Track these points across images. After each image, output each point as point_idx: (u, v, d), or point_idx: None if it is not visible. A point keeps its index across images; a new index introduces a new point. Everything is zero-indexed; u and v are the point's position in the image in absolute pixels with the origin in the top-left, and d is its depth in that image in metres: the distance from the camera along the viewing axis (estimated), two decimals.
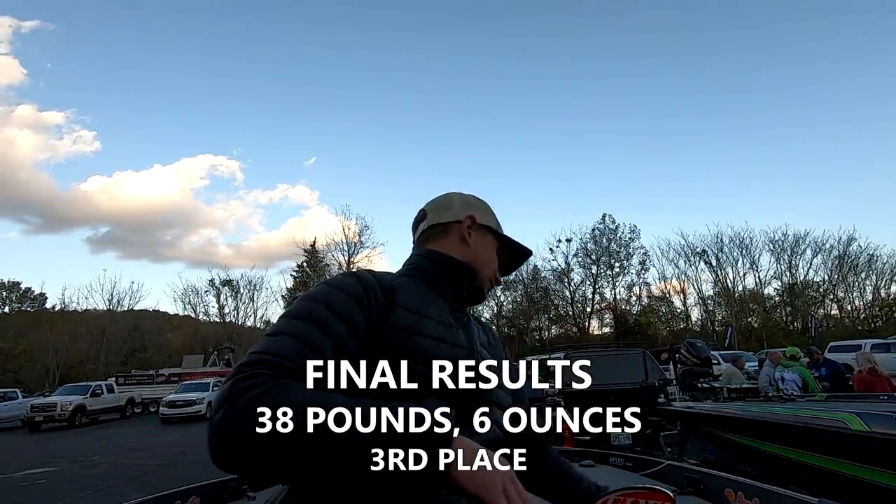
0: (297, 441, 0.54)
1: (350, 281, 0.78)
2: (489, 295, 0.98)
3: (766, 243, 32.52)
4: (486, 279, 0.96)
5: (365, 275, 0.80)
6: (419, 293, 0.83)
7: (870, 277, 30.75)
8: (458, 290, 0.92)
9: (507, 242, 1.02)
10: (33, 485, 7.18)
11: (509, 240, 1.02)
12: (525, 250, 1.05)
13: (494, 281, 0.98)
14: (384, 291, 0.78)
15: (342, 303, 0.73)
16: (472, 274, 0.93)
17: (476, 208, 1.00)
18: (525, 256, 1.06)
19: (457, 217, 0.97)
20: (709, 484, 1.42)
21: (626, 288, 35.21)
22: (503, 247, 1.02)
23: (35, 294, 39.46)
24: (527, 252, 1.05)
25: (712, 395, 6.80)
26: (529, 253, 1.06)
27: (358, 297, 0.75)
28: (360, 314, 0.73)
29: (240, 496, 1.46)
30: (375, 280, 0.79)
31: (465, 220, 0.97)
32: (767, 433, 3.76)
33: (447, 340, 0.78)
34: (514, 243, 1.03)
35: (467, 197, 1.03)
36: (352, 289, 0.76)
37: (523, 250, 1.04)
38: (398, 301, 0.78)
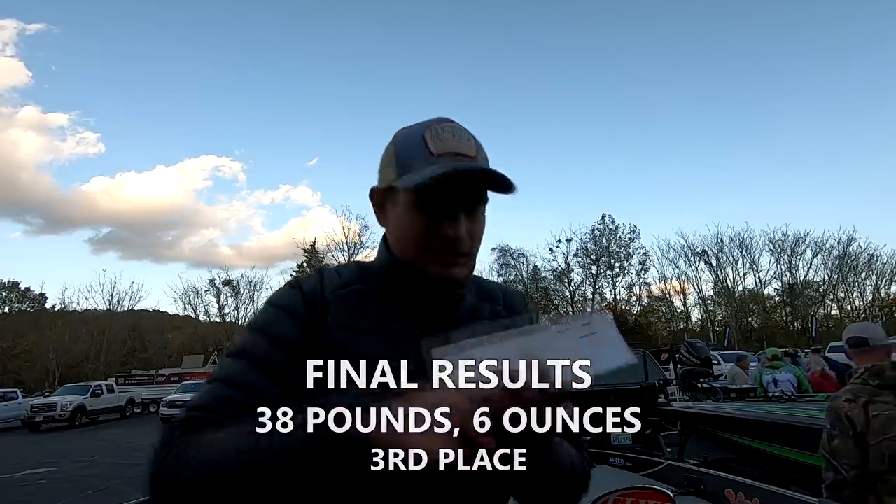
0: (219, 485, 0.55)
1: (290, 297, 0.70)
2: (466, 267, 0.72)
3: (766, 243, 32.57)
4: (422, 256, 0.69)
5: (309, 285, 0.71)
6: (353, 304, 0.70)
7: (870, 277, 30.79)
8: (403, 288, 0.72)
9: (422, 188, 0.65)
10: (33, 485, 7.18)
11: (422, 183, 0.64)
12: (460, 171, 0.66)
13: (442, 247, 0.68)
14: (323, 306, 0.69)
15: (280, 324, 0.68)
16: (397, 263, 0.72)
17: (379, 171, 0.74)
18: (473, 176, 0.67)
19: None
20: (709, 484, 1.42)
21: (626, 288, 35.27)
22: (432, 195, 0.66)
23: (35, 294, 39.47)
24: (471, 171, 0.67)
25: (712, 395, 6.79)
26: (476, 171, 0.67)
27: (296, 314, 0.68)
28: (300, 334, 0.67)
29: None
30: (320, 290, 0.71)
31: (373, 197, 0.76)
32: (767, 433, 3.76)
33: (384, 356, 0.58)
34: (431, 179, 0.64)
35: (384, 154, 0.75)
36: (293, 307, 0.69)
37: (461, 172, 0.65)
38: (331, 318, 0.69)
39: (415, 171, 0.67)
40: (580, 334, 0.58)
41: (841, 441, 2.06)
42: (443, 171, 0.64)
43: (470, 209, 0.69)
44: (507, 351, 0.55)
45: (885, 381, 2.04)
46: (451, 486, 0.63)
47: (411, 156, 0.69)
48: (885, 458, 1.94)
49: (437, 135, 0.69)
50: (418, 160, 0.68)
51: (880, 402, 2.02)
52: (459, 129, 0.72)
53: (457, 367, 0.53)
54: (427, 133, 0.70)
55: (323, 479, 0.54)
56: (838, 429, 2.08)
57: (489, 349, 0.55)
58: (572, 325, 0.59)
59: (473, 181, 0.68)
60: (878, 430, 1.98)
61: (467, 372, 0.52)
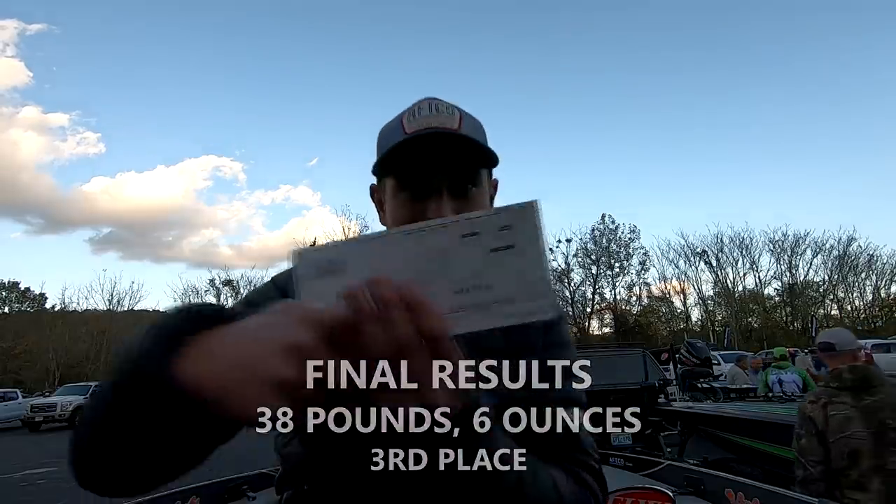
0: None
1: (264, 292, 0.67)
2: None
3: (766, 243, 32.57)
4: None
5: (282, 279, 0.67)
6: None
7: (870, 277, 30.79)
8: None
9: (387, 164, 0.64)
10: (33, 485, 7.18)
11: (381, 158, 0.64)
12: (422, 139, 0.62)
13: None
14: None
15: (246, 315, 0.60)
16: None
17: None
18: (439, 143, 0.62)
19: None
20: (709, 484, 1.42)
21: (626, 288, 35.25)
22: (408, 175, 0.64)
23: (35, 294, 39.44)
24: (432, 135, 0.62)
25: (712, 395, 6.80)
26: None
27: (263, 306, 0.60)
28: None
29: (240, 496, 1.46)
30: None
31: (372, 195, 0.74)
32: (767, 433, 3.76)
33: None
34: (403, 155, 0.62)
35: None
36: (265, 302, 0.58)
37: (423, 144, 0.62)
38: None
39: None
40: (493, 245, 0.40)
41: (807, 440, 2.23)
42: (397, 141, 0.62)
43: (458, 189, 0.63)
44: (390, 258, 0.40)
45: (843, 384, 2.20)
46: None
47: (390, 141, 0.65)
48: (844, 455, 2.10)
49: (413, 114, 0.66)
50: (394, 143, 0.64)
51: (838, 402, 2.19)
52: (440, 105, 0.67)
53: (322, 277, 0.40)
54: (405, 115, 0.67)
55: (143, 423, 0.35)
56: (804, 428, 2.25)
57: (364, 256, 0.40)
58: (485, 224, 0.40)
59: (438, 149, 0.62)
60: (835, 428, 2.15)
61: (326, 286, 0.36)
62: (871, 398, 2.13)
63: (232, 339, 0.36)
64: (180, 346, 0.35)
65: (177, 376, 0.34)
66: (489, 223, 0.40)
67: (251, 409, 0.33)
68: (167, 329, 0.37)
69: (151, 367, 0.34)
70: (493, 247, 0.40)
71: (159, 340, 0.36)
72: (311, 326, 0.35)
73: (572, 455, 0.60)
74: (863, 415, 2.11)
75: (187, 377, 0.34)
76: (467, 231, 0.40)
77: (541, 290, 0.39)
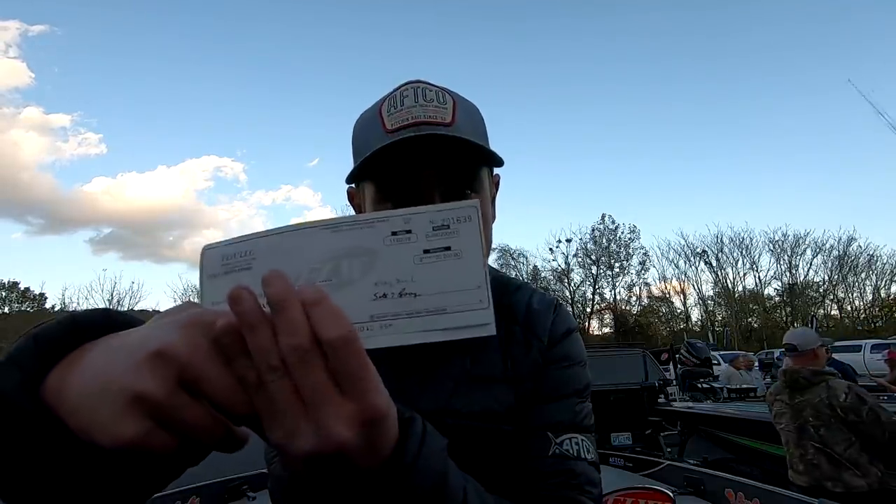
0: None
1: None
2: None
3: (766, 243, 32.55)
4: None
5: None
6: None
7: (870, 278, 30.76)
8: None
9: (380, 177, 0.55)
10: None
11: (353, 172, 0.57)
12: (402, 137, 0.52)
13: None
14: None
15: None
16: None
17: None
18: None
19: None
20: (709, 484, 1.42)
21: (626, 288, 35.21)
22: (392, 183, 0.55)
23: (35, 294, 39.49)
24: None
25: (712, 395, 6.80)
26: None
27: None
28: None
29: (240, 496, 1.46)
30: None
31: (351, 200, 0.66)
32: (767, 433, 3.76)
33: None
34: (378, 156, 0.53)
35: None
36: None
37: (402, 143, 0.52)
38: None
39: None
40: (429, 246, 0.34)
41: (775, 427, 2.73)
42: (377, 147, 0.51)
43: (453, 196, 0.54)
44: (304, 253, 0.34)
45: (784, 382, 2.62)
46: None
47: (367, 138, 0.56)
48: (785, 441, 2.60)
49: (394, 105, 0.55)
50: (374, 142, 0.53)
51: (779, 399, 2.65)
52: (426, 91, 0.55)
53: (228, 274, 0.35)
54: (384, 105, 0.56)
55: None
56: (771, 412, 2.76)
57: (275, 250, 0.34)
58: (418, 222, 0.34)
59: (427, 152, 0.52)
60: (776, 419, 2.68)
61: (232, 284, 0.29)
62: (800, 398, 2.51)
63: (101, 351, 0.30)
64: (53, 361, 0.30)
65: (39, 396, 0.28)
66: (423, 221, 0.34)
67: (109, 428, 0.27)
68: (44, 341, 0.31)
69: (7, 385, 0.28)
70: (426, 248, 0.34)
71: (29, 354, 0.30)
72: (197, 332, 0.29)
73: (561, 493, 0.52)
74: (792, 411, 2.54)
75: (49, 396, 0.28)
76: (398, 228, 0.34)
77: (477, 300, 0.33)
